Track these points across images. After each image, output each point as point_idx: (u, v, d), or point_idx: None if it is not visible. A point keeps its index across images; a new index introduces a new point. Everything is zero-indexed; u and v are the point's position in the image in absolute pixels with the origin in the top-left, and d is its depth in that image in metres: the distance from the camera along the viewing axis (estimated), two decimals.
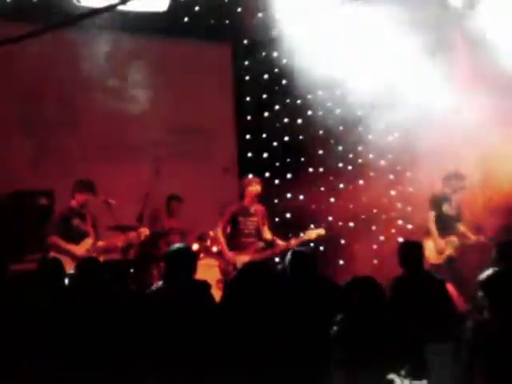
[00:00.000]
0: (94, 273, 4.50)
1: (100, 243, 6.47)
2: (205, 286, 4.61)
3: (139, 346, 4.06)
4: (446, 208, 7.20)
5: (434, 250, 7.02)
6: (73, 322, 4.13)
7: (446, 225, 7.16)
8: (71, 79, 8.69)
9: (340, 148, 9.64)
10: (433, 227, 7.10)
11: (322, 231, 6.97)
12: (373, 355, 3.59)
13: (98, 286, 4.43)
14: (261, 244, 6.88)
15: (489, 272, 3.83)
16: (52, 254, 6.13)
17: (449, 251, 7.01)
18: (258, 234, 6.90)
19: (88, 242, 6.35)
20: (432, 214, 7.15)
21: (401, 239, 8.46)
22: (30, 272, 5.18)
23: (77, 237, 6.33)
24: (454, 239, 7.08)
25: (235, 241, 6.84)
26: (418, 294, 4.92)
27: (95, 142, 8.75)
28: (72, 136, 8.68)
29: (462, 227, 7.25)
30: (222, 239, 6.86)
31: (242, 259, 6.61)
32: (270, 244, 6.92)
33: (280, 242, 6.89)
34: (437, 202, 7.21)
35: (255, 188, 6.88)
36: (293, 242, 6.82)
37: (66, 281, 4.93)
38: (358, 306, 3.74)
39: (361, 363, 3.58)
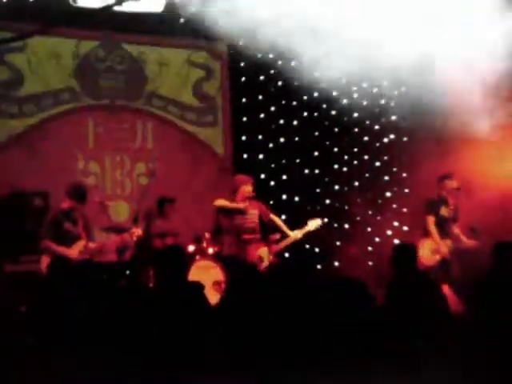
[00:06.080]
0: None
1: (92, 245, 6.45)
2: (197, 287, 4.60)
3: (130, 347, 4.06)
4: (443, 211, 7.19)
5: (430, 249, 7.01)
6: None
7: (442, 227, 7.15)
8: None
9: (335, 149, 9.66)
10: (433, 230, 7.09)
11: (318, 221, 7.00)
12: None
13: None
14: (277, 236, 6.89)
15: (487, 274, 3.87)
16: (45, 257, 6.11)
17: (443, 252, 6.99)
18: (255, 230, 6.83)
19: (81, 244, 6.33)
20: (431, 218, 7.13)
21: (396, 241, 8.51)
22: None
23: (68, 240, 6.30)
24: (448, 243, 7.07)
25: (236, 238, 6.80)
26: (412, 296, 4.92)
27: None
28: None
29: (456, 230, 7.24)
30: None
31: (263, 251, 6.67)
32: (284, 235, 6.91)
33: (290, 233, 6.89)
34: (434, 206, 7.18)
35: (249, 188, 6.85)
36: (299, 233, 6.84)
37: None
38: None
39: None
